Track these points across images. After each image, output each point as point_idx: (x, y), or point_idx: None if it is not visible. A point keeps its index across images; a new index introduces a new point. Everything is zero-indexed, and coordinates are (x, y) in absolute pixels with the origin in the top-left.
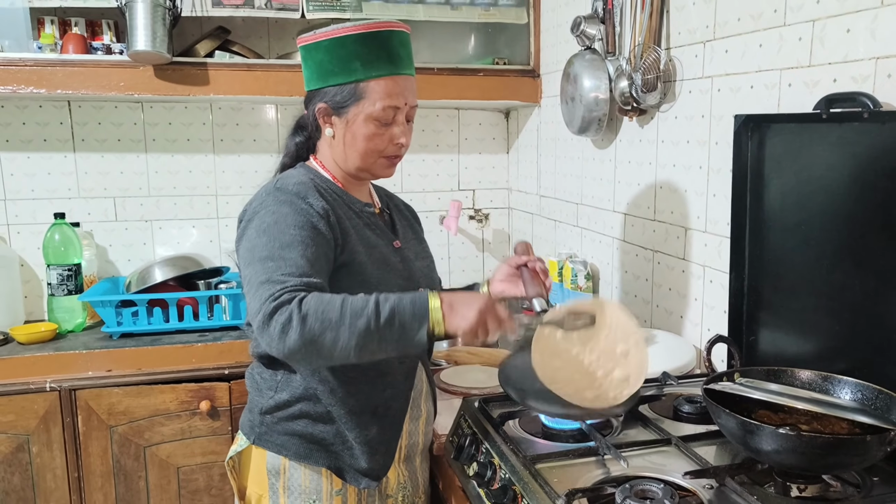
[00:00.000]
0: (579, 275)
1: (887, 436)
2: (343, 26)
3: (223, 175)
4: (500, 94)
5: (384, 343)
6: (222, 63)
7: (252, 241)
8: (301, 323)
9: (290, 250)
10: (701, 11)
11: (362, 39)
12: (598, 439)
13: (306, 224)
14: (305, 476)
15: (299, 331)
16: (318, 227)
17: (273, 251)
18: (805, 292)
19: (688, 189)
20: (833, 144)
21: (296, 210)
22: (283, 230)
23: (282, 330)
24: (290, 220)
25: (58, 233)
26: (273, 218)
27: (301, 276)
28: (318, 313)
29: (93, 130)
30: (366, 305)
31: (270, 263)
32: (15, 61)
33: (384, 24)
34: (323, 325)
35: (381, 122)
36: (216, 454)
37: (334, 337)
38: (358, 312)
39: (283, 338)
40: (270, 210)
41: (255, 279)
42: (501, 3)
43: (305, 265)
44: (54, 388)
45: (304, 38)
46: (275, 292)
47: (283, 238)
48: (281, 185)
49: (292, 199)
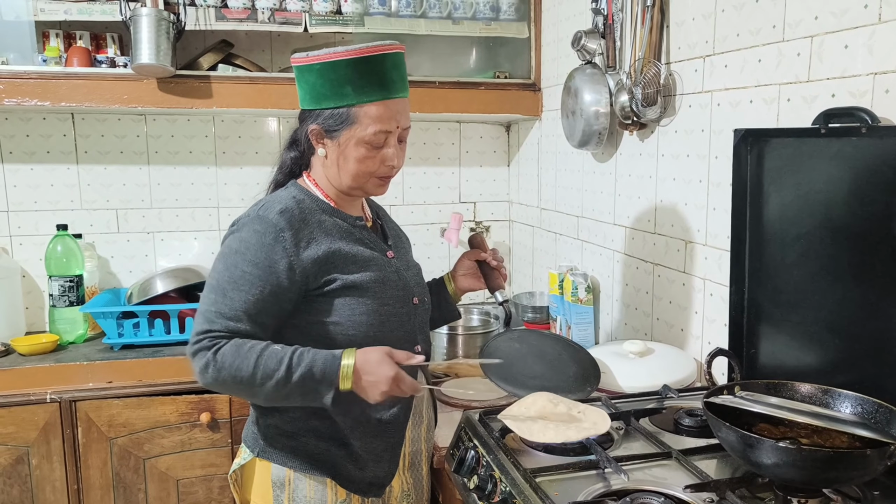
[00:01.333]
0: (580, 287)
1: (887, 450)
2: (335, 50)
3: (225, 187)
4: (501, 107)
5: (290, 400)
6: (225, 76)
7: (215, 262)
8: (216, 373)
9: (233, 288)
10: (700, 27)
11: (354, 64)
12: (598, 452)
13: (263, 262)
14: (310, 487)
15: (213, 377)
16: (277, 268)
17: (220, 282)
18: (805, 306)
19: (688, 202)
20: (832, 159)
21: (260, 245)
22: (237, 263)
23: (200, 373)
24: (249, 253)
25: (60, 244)
26: (237, 245)
27: (230, 319)
28: (231, 368)
29: (96, 142)
30: (277, 367)
31: (212, 295)
32: (20, 74)
33: (376, 48)
34: (234, 379)
35: (373, 145)
36: (216, 466)
37: (245, 391)
38: (269, 374)
39: (202, 378)
40: (241, 236)
41: (200, 304)
42: (503, 18)
43: (240, 308)
44: (55, 399)
45: (297, 58)
46: (200, 332)
47: (233, 272)
48: (263, 213)
49: (266, 230)
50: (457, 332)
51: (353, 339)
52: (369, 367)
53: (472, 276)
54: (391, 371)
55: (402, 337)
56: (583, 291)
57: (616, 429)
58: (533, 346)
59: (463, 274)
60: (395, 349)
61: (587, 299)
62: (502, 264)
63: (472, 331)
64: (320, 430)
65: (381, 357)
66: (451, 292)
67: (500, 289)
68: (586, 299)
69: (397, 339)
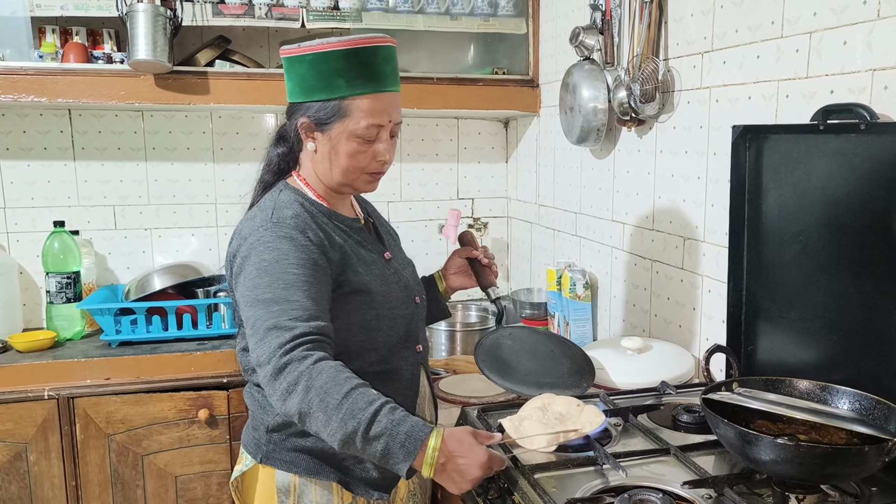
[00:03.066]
0: (578, 284)
1: (885, 446)
2: (327, 41)
3: (223, 184)
4: (500, 103)
5: (365, 453)
6: (222, 72)
7: (252, 281)
8: (304, 392)
9: (295, 291)
10: (699, 23)
11: (346, 56)
12: (596, 449)
13: (308, 261)
14: (316, 492)
15: (299, 399)
16: (319, 263)
17: (277, 292)
18: (803, 302)
19: (686, 199)
20: (830, 155)
21: (296, 246)
22: (285, 269)
23: (286, 391)
24: (291, 257)
25: (57, 241)
26: (273, 255)
27: (309, 319)
28: (321, 391)
29: (93, 139)
30: (365, 409)
31: (275, 307)
32: (16, 70)
33: (368, 39)
34: (321, 404)
35: (365, 139)
36: (214, 463)
37: (325, 421)
38: (354, 413)
39: (283, 400)
40: (270, 246)
41: (261, 324)
42: (501, 14)
43: (312, 306)
44: (52, 396)
45: (287, 49)
46: (285, 342)
47: (285, 278)
48: (278, 219)
49: (292, 233)
50: (455, 328)
51: (362, 346)
52: (463, 449)
53: (464, 274)
54: (484, 454)
55: (405, 337)
56: (581, 288)
57: (614, 425)
58: (525, 343)
59: (454, 272)
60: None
61: (585, 296)
62: (493, 261)
63: (469, 327)
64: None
65: (471, 440)
66: (442, 290)
67: (491, 286)
68: (584, 296)
69: (401, 340)
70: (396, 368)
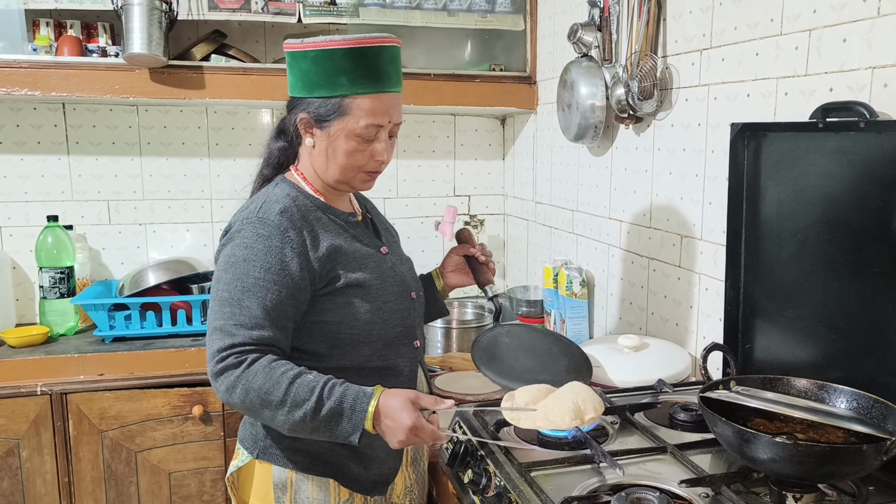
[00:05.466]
0: (574, 281)
1: (883, 445)
2: (332, 38)
3: (218, 179)
4: (497, 100)
5: (316, 434)
6: (218, 67)
7: (218, 273)
8: (244, 394)
9: (249, 296)
10: (698, 20)
11: (350, 54)
12: (593, 447)
13: (275, 265)
14: (313, 488)
15: (241, 398)
16: (289, 268)
17: (232, 294)
18: (801, 301)
19: (684, 197)
20: (829, 153)
21: (268, 248)
22: (247, 271)
23: (226, 392)
24: (259, 259)
25: (50, 235)
26: (243, 254)
27: (253, 328)
28: (261, 391)
29: (87, 133)
30: (308, 397)
31: (227, 308)
32: (9, 63)
33: (374, 39)
34: (263, 403)
35: (364, 138)
36: (208, 460)
37: (270, 416)
38: (299, 402)
39: (226, 398)
40: (244, 243)
41: (212, 321)
42: (498, 10)
43: (261, 315)
44: (45, 392)
45: (290, 44)
46: (224, 347)
47: (245, 280)
48: (263, 215)
49: (271, 233)
50: (451, 325)
51: (357, 338)
52: (390, 411)
53: (461, 272)
54: (409, 420)
55: (402, 332)
56: (577, 285)
57: (611, 423)
58: (523, 341)
59: (451, 270)
60: (422, 393)
61: (582, 293)
62: (491, 259)
63: (466, 324)
64: None
65: (402, 403)
66: (440, 289)
67: (489, 284)
68: (581, 293)
69: (398, 335)
70: (395, 365)
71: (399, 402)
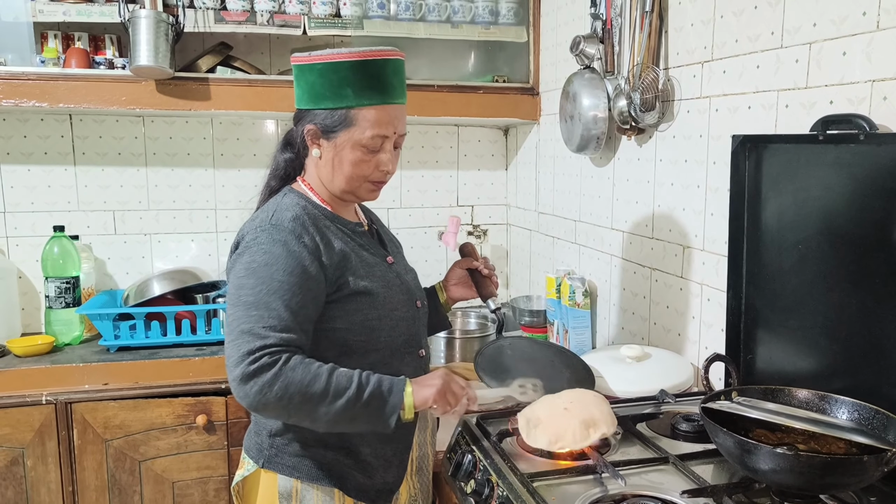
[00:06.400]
0: (577, 291)
1: (884, 456)
2: (338, 51)
3: (223, 189)
4: (500, 111)
5: (356, 422)
6: (224, 78)
7: (240, 280)
8: (283, 389)
9: (275, 299)
10: (699, 32)
11: (356, 67)
12: (595, 457)
13: (296, 269)
14: (318, 498)
15: (278, 395)
16: (310, 271)
17: (259, 297)
18: (802, 311)
19: (686, 208)
20: (830, 165)
21: (288, 252)
22: (271, 274)
23: (260, 392)
24: (280, 263)
25: (56, 245)
26: (264, 259)
27: (282, 330)
28: (301, 384)
29: (93, 144)
30: (349, 385)
31: (254, 312)
32: (18, 75)
33: (379, 52)
34: (304, 397)
35: (369, 149)
36: (212, 469)
37: (310, 409)
38: (340, 391)
39: (259, 398)
40: (263, 249)
41: (236, 325)
42: (501, 22)
43: (288, 317)
44: (50, 401)
45: (297, 57)
46: (254, 350)
47: (270, 283)
48: (276, 221)
49: (287, 238)
50: (454, 335)
51: (364, 345)
52: (424, 379)
53: (464, 285)
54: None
55: (408, 340)
56: (580, 296)
57: (613, 434)
58: (525, 353)
59: (454, 283)
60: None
61: (584, 303)
62: (494, 272)
63: (469, 334)
64: (328, 439)
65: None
66: (443, 302)
67: (492, 297)
68: (583, 303)
69: (404, 343)
70: (400, 373)
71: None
